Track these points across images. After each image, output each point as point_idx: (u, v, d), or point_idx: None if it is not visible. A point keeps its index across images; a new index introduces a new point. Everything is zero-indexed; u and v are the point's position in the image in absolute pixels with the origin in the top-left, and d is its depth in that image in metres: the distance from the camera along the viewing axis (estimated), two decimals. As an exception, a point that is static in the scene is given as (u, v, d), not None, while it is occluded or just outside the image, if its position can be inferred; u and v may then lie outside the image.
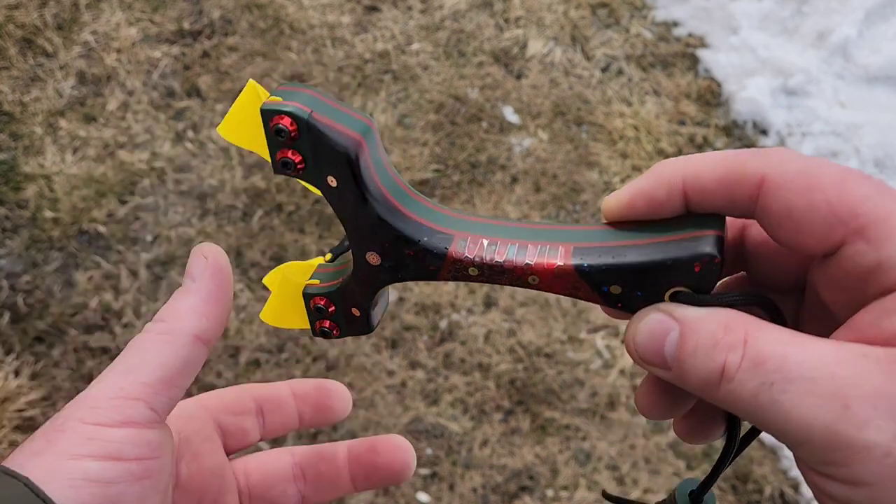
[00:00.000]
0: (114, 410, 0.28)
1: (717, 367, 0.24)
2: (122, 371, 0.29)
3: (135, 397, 0.28)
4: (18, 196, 1.47)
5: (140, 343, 0.30)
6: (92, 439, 0.27)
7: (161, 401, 0.29)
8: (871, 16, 1.80)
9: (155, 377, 0.29)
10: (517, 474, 1.24)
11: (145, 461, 0.28)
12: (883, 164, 1.62)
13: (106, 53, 1.67)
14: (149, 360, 0.29)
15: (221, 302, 0.31)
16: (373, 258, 0.30)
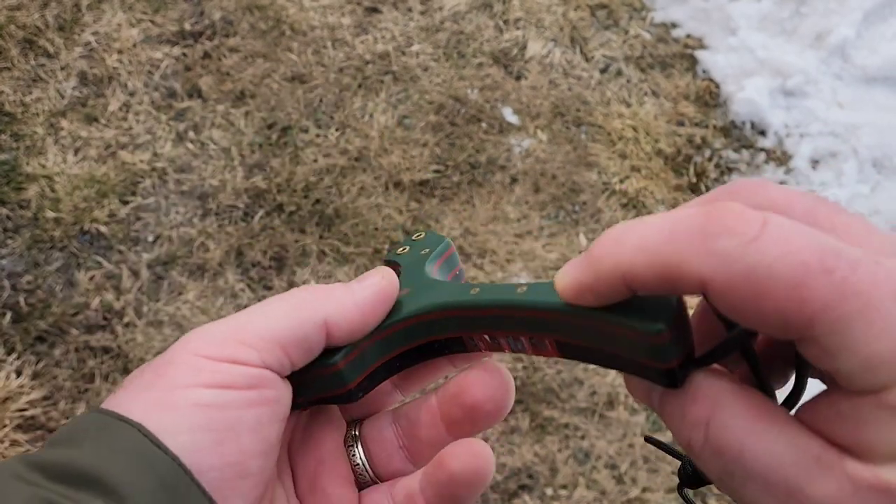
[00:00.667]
0: (225, 348, 0.28)
1: (685, 441, 0.24)
2: (244, 319, 0.29)
3: (248, 343, 0.28)
4: (20, 196, 1.48)
5: (271, 302, 0.30)
6: (202, 370, 0.27)
7: (273, 357, 0.29)
8: (869, 16, 1.80)
9: (272, 334, 0.29)
10: (516, 473, 1.25)
11: (259, 389, 0.28)
12: (881, 164, 1.63)
13: (107, 54, 1.68)
14: (272, 318, 0.29)
15: (365, 313, 0.31)
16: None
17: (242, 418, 0.27)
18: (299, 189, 1.51)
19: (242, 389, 0.28)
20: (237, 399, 0.27)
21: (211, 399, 0.27)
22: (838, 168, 1.62)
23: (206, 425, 0.27)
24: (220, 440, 0.27)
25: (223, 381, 0.27)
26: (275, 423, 0.29)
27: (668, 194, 1.59)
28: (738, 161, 1.64)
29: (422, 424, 0.34)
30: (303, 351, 0.30)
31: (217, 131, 1.59)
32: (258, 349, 0.28)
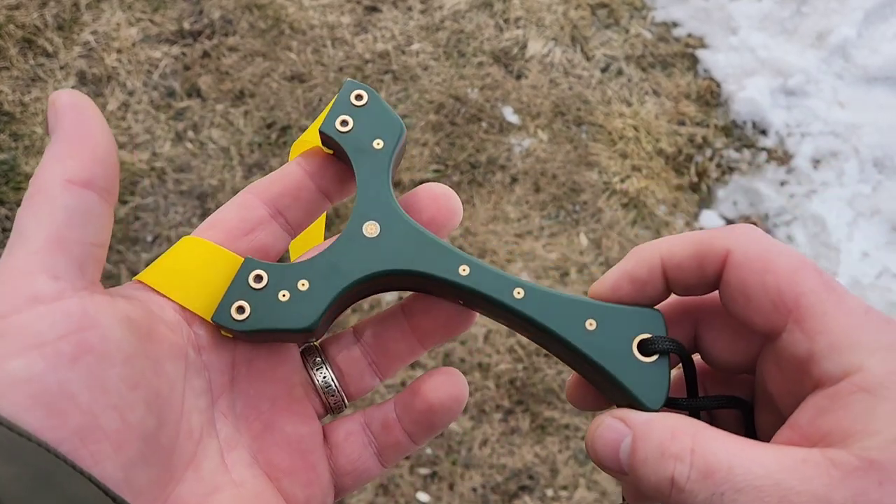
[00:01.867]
0: (15, 293, 0.24)
1: (667, 476, 0.25)
2: (9, 249, 0.25)
3: (30, 272, 0.24)
4: (19, 196, 1.47)
5: (19, 218, 0.26)
6: (3, 335, 0.23)
7: (61, 263, 0.25)
8: (870, 16, 1.80)
9: (39, 242, 0.25)
10: (517, 474, 1.24)
11: (75, 335, 0.24)
12: (882, 164, 1.63)
13: (106, 53, 1.67)
14: (27, 228, 0.25)
15: (86, 138, 0.27)
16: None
17: (69, 379, 0.24)
18: (299, 189, 1.51)
19: (55, 342, 0.24)
20: (52, 360, 0.23)
21: (23, 369, 0.23)
22: (839, 168, 1.62)
23: (30, 403, 0.23)
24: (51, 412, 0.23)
25: (30, 342, 0.23)
26: (114, 369, 0.25)
27: (670, 194, 1.58)
28: (739, 161, 1.64)
29: (390, 338, 0.34)
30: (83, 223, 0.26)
31: (216, 131, 1.59)
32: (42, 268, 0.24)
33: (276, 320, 0.29)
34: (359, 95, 0.33)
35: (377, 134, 0.33)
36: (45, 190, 0.25)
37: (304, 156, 0.35)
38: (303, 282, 0.30)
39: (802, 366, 0.26)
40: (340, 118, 0.33)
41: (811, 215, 1.55)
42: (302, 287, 0.30)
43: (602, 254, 1.49)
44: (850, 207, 1.57)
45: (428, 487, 1.23)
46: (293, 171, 0.34)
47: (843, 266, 1.49)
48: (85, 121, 0.27)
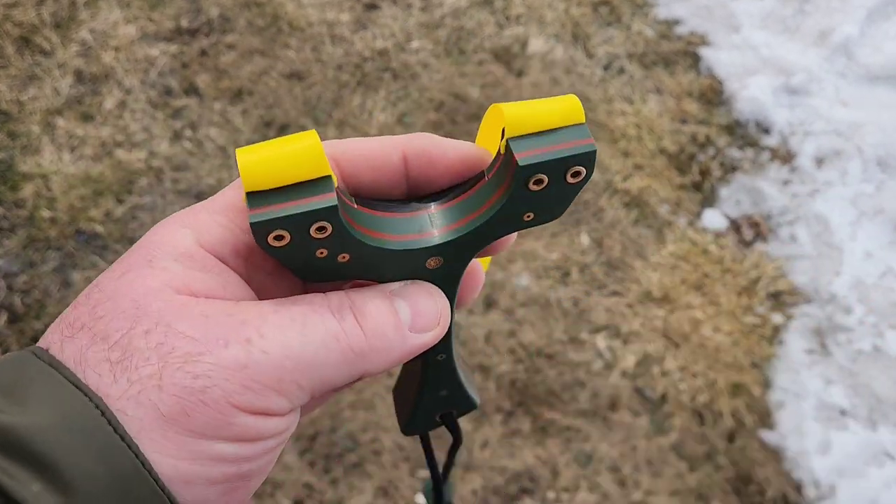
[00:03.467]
0: (262, 400, 0.24)
1: None
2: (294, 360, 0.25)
3: (288, 395, 0.25)
4: (16, 195, 1.46)
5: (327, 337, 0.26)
6: (232, 424, 0.24)
7: (302, 400, 0.26)
8: (872, 14, 1.79)
9: (313, 385, 0.26)
10: (518, 476, 1.23)
11: (279, 436, 0.26)
12: (885, 163, 1.62)
13: (104, 52, 1.66)
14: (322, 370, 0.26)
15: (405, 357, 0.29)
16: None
17: (256, 467, 0.26)
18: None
19: (267, 440, 0.25)
20: (259, 450, 0.25)
21: (235, 452, 0.24)
22: (842, 167, 1.61)
23: (222, 477, 0.24)
24: (230, 489, 0.25)
25: (251, 436, 0.25)
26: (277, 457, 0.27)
27: (672, 193, 1.57)
28: (741, 159, 1.63)
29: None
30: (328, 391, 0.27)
31: (214, 129, 1.58)
32: (294, 400, 0.25)
33: (297, 265, 0.27)
34: (577, 173, 0.28)
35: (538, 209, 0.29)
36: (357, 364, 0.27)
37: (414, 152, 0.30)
38: (344, 255, 0.27)
39: None
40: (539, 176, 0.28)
41: (814, 214, 1.54)
42: (341, 259, 0.27)
43: (604, 253, 1.48)
44: (854, 207, 1.56)
45: (428, 489, 1.22)
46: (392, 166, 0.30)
47: (846, 266, 1.48)
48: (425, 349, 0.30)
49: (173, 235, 0.27)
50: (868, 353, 1.38)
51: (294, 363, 0.25)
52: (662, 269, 1.46)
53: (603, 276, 1.45)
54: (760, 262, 1.49)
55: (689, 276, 1.45)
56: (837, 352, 1.38)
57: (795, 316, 1.43)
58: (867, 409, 1.32)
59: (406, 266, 0.28)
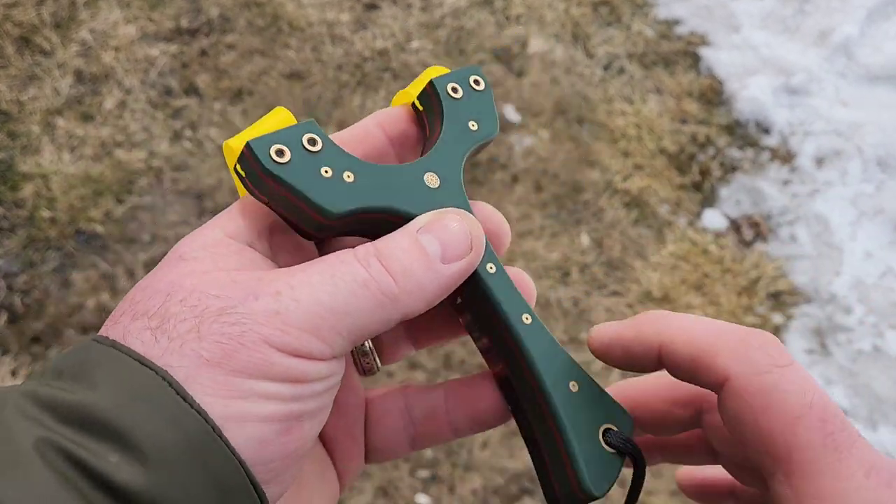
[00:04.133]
0: (302, 344, 0.25)
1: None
2: (328, 309, 0.26)
3: (327, 341, 0.26)
4: (16, 195, 1.46)
5: (356, 286, 0.26)
6: (274, 364, 0.25)
7: (343, 348, 0.27)
8: (872, 14, 1.79)
9: (350, 331, 0.26)
10: (518, 476, 1.23)
11: (328, 379, 0.26)
12: (885, 163, 1.62)
13: (104, 52, 1.66)
14: (359, 317, 0.26)
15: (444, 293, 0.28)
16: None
17: (308, 408, 0.26)
18: (298, 188, 1.50)
19: (313, 382, 0.26)
20: (306, 392, 0.26)
21: (281, 391, 0.25)
22: (842, 167, 1.61)
23: (273, 415, 0.25)
24: (285, 429, 0.25)
25: (295, 376, 0.25)
26: (331, 404, 0.28)
27: (672, 193, 1.57)
28: (741, 159, 1.63)
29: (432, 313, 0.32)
30: (370, 337, 0.28)
31: (214, 129, 1.58)
32: (335, 347, 0.26)
33: (308, 186, 0.27)
34: (476, 80, 0.33)
35: (476, 118, 0.33)
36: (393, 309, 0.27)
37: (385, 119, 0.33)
38: (349, 174, 0.28)
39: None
40: (452, 84, 0.33)
41: (814, 215, 1.54)
42: (347, 178, 0.28)
43: (604, 253, 1.48)
44: (854, 207, 1.56)
45: (428, 490, 1.22)
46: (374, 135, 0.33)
47: (846, 266, 1.48)
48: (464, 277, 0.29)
49: (201, 233, 0.29)
50: (868, 354, 1.38)
51: (326, 310, 0.25)
52: (662, 269, 1.46)
53: (603, 276, 1.45)
54: (760, 263, 1.49)
55: (689, 276, 1.46)
56: (837, 352, 1.38)
57: (795, 316, 1.43)
58: (867, 409, 1.32)
59: (410, 187, 0.30)
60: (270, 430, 0.25)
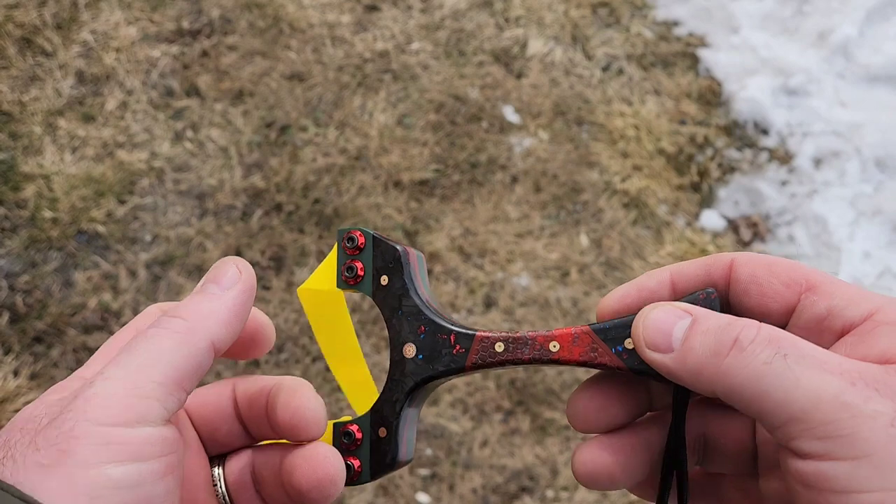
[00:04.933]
0: (129, 409, 0.26)
1: (730, 339, 0.27)
2: (136, 368, 0.27)
3: (149, 396, 0.27)
4: (17, 196, 1.47)
5: (154, 338, 0.28)
6: (110, 443, 0.25)
7: (172, 401, 0.28)
8: (871, 15, 1.80)
9: (169, 376, 0.28)
10: (517, 475, 1.24)
11: (166, 457, 0.27)
12: (884, 163, 1.62)
13: (105, 53, 1.67)
14: (164, 359, 0.28)
15: (242, 319, 0.31)
16: (409, 350, 0.34)
17: (154, 492, 0.26)
18: (298, 188, 1.51)
19: (152, 460, 0.27)
20: (148, 472, 0.26)
21: (123, 477, 0.25)
22: (841, 167, 1.61)
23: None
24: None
25: (134, 454, 0.26)
26: (178, 490, 0.28)
27: (671, 193, 1.58)
28: (740, 160, 1.64)
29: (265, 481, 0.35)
30: (196, 378, 0.29)
31: (215, 130, 1.58)
32: (160, 398, 0.27)
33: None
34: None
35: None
36: (194, 336, 0.29)
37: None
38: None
39: (822, 323, 0.28)
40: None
41: (812, 215, 1.55)
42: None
43: (603, 253, 1.48)
44: (852, 207, 1.57)
45: (428, 488, 1.22)
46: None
47: (844, 266, 1.49)
48: (249, 305, 0.31)
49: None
50: (866, 353, 1.38)
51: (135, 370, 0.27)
52: (661, 270, 1.46)
53: (602, 276, 1.45)
54: (759, 263, 1.49)
55: (688, 276, 1.46)
56: (835, 351, 1.39)
57: (794, 316, 1.44)
58: (865, 408, 1.33)
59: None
60: None
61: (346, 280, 0.35)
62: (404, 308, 0.35)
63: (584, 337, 0.32)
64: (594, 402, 0.32)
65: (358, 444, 0.34)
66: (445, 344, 0.34)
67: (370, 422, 0.34)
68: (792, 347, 0.26)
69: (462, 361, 0.34)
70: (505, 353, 0.33)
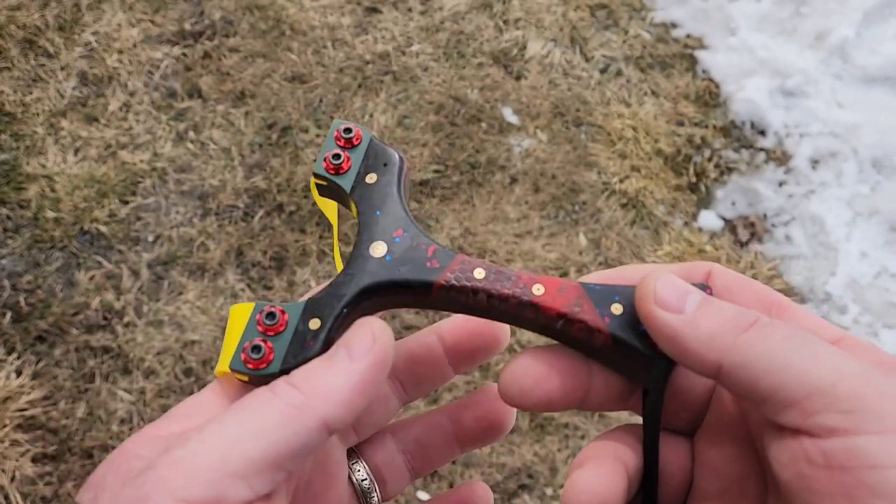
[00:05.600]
0: (210, 486, 0.23)
1: (750, 316, 0.25)
2: (229, 440, 0.24)
3: (235, 474, 0.24)
4: (20, 196, 1.48)
5: (261, 407, 0.25)
6: None
7: (263, 482, 0.24)
8: (869, 17, 1.80)
9: (266, 454, 0.24)
10: (516, 473, 1.25)
11: None
12: (881, 164, 1.63)
13: (107, 54, 1.68)
14: (265, 434, 0.24)
15: (366, 396, 0.26)
16: (377, 248, 0.30)
17: None
18: (299, 189, 1.51)
19: None
20: None
21: None
22: (838, 168, 1.62)
23: None
24: None
25: None
26: None
27: (668, 194, 1.59)
28: (737, 161, 1.64)
29: (432, 444, 0.34)
30: (301, 459, 0.26)
31: (217, 131, 1.59)
32: (250, 479, 0.24)
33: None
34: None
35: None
36: (305, 414, 0.25)
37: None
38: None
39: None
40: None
41: (810, 215, 1.56)
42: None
43: (601, 254, 1.49)
44: (849, 207, 1.57)
45: (428, 486, 1.23)
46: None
47: (841, 266, 1.50)
48: (380, 377, 0.26)
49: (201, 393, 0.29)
50: (862, 352, 1.39)
51: (233, 440, 0.24)
52: (659, 270, 1.47)
53: (600, 276, 1.46)
54: (756, 263, 1.50)
55: (686, 276, 1.47)
56: (832, 351, 1.40)
57: (791, 315, 1.44)
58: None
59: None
60: None
61: (327, 168, 0.32)
62: (386, 208, 0.31)
63: (571, 290, 0.29)
64: (531, 374, 0.29)
65: (279, 329, 0.28)
66: (421, 254, 0.30)
67: (302, 309, 0.29)
68: (811, 330, 0.25)
69: (434, 276, 0.29)
70: (484, 280, 0.29)
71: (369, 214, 0.31)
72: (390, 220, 0.31)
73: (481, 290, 0.29)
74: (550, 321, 0.29)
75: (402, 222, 0.31)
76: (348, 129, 0.32)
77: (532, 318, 0.29)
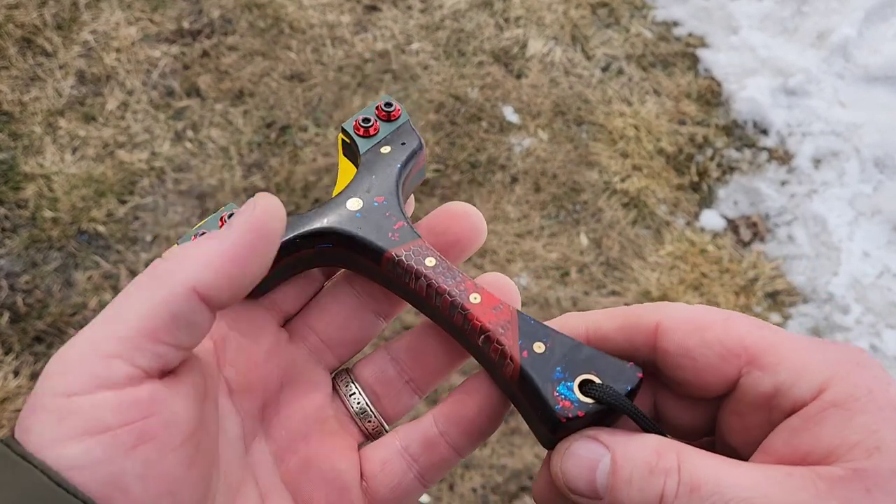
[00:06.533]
0: (84, 374, 0.23)
1: (656, 494, 0.24)
2: (101, 322, 0.24)
3: (109, 355, 0.23)
4: (18, 196, 1.47)
5: (130, 286, 0.25)
6: (64, 417, 0.22)
7: (143, 356, 0.24)
8: (871, 16, 1.80)
9: (135, 329, 0.24)
10: (517, 474, 1.24)
11: (138, 423, 0.23)
12: (883, 163, 1.62)
13: (105, 53, 1.67)
14: (131, 308, 0.24)
15: (243, 261, 0.25)
16: (354, 203, 0.32)
17: (126, 467, 0.23)
18: (298, 188, 1.51)
19: (115, 430, 0.23)
20: (110, 447, 0.23)
21: (80, 456, 0.22)
22: (840, 167, 1.62)
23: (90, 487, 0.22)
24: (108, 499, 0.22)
25: (91, 427, 0.22)
26: (173, 453, 0.24)
27: (670, 193, 1.58)
28: (739, 160, 1.64)
29: (427, 352, 0.33)
30: (183, 330, 0.24)
31: (215, 130, 1.58)
32: (124, 355, 0.23)
33: None
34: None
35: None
36: (165, 283, 0.24)
37: None
38: None
39: (769, 401, 0.26)
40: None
41: (812, 215, 1.55)
42: None
43: (602, 253, 1.48)
44: (851, 207, 1.57)
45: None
46: None
47: (843, 266, 1.49)
48: (258, 245, 0.25)
49: None
50: (865, 353, 1.38)
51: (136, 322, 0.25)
52: (661, 269, 1.47)
53: (602, 276, 1.46)
54: (758, 262, 1.50)
55: (687, 275, 1.46)
56: (835, 351, 1.39)
57: (793, 316, 1.44)
58: (864, 408, 1.33)
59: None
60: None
61: (355, 127, 0.34)
62: (381, 176, 0.33)
63: (505, 312, 0.29)
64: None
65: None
66: (388, 224, 0.31)
67: None
68: (714, 495, 0.23)
69: (388, 247, 0.30)
70: (430, 269, 0.30)
71: (364, 174, 0.33)
72: (379, 186, 0.32)
73: (424, 276, 0.30)
74: (473, 334, 0.29)
75: (387, 193, 0.32)
76: (389, 103, 0.35)
77: (459, 325, 0.30)
